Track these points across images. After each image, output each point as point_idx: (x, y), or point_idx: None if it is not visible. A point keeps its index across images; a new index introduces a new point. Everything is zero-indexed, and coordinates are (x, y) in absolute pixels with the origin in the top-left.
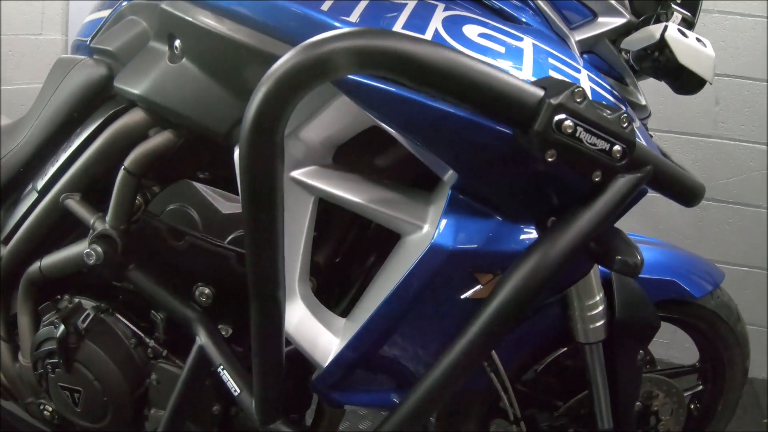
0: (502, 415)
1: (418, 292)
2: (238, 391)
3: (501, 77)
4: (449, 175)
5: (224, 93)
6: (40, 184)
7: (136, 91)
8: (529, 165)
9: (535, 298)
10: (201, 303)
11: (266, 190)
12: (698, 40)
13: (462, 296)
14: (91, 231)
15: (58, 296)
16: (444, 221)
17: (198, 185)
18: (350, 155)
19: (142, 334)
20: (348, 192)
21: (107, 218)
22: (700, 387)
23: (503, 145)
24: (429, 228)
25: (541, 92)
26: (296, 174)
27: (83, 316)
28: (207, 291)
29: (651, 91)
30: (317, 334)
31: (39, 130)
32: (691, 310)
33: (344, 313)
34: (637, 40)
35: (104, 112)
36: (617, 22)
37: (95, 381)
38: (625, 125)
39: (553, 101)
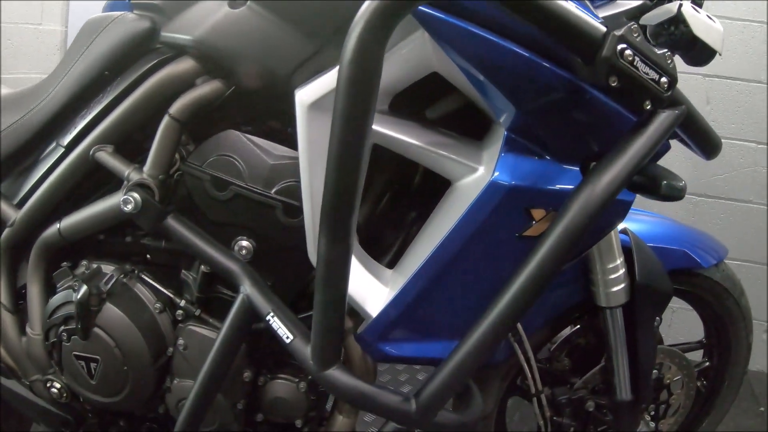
0: (519, 393)
1: (474, 232)
2: (291, 337)
3: (574, 11)
4: (504, 118)
5: (291, 34)
6: (67, 139)
7: (190, 37)
8: (579, 104)
9: (585, 234)
10: (240, 258)
11: (361, 121)
12: (708, 16)
13: (517, 234)
14: (125, 182)
15: (69, 263)
16: (501, 160)
17: (243, 135)
18: (403, 105)
19: (172, 295)
20: (405, 135)
21: (145, 168)
22: (707, 363)
23: (560, 84)
24: (484, 169)
25: (604, 27)
26: None
27: (106, 279)
28: (247, 245)
29: None
30: (367, 284)
31: (66, 87)
32: (698, 281)
33: (388, 266)
34: (655, 16)
35: (145, 63)
36: (635, 3)
37: (116, 348)
38: (669, 62)
39: (617, 33)
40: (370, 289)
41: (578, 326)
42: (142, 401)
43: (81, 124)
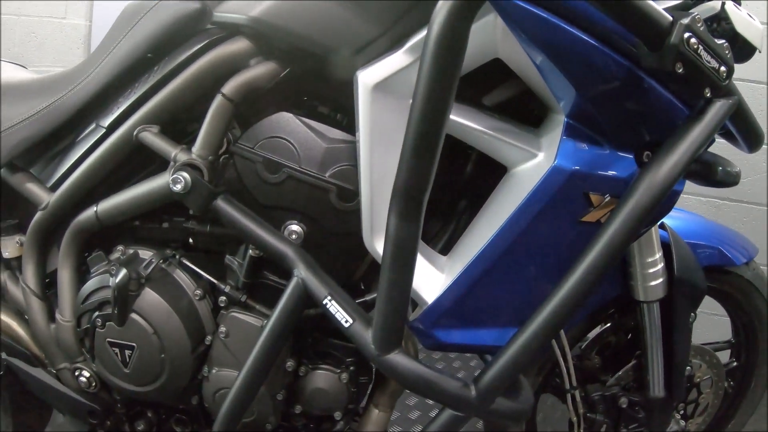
0: (551, 390)
1: (534, 217)
2: (351, 321)
3: (644, 0)
4: (564, 105)
5: (356, 15)
6: (109, 120)
7: (245, 17)
8: (637, 93)
9: (648, 219)
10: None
11: (443, 99)
12: (748, 14)
13: (576, 219)
14: (171, 163)
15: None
16: (562, 145)
17: (297, 117)
18: (462, 91)
19: (216, 281)
20: (466, 119)
21: (194, 148)
22: (734, 363)
23: (622, 72)
24: (544, 155)
25: (671, 17)
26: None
27: (145, 263)
28: (297, 229)
29: None
30: (422, 270)
31: (108, 69)
32: (729, 279)
33: (441, 252)
34: (699, 13)
35: (196, 44)
36: (676, 1)
37: (154, 334)
38: (727, 52)
39: (683, 21)
40: (426, 275)
41: (609, 324)
42: (176, 391)
43: (125, 105)
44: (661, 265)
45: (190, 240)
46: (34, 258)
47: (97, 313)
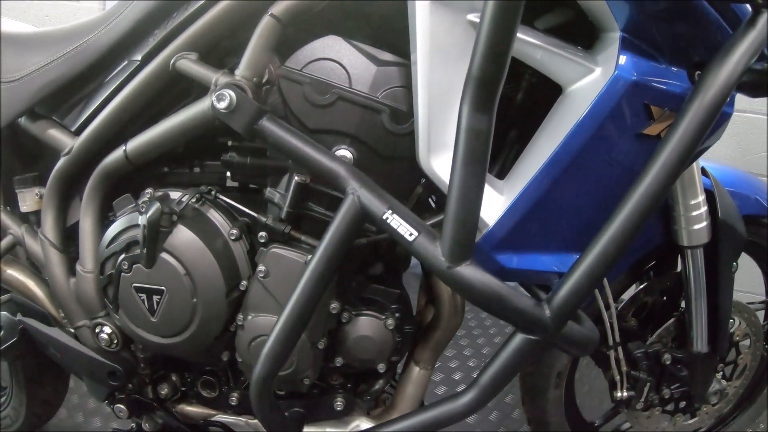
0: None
1: (595, 131)
2: (415, 233)
3: None
4: (619, 19)
5: None
6: (142, 52)
7: None
8: (690, 7)
9: (705, 134)
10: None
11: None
12: None
13: (637, 132)
14: (212, 87)
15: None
16: (621, 57)
17: (345, 39)
18: None
19: (256, 214)
20: (524, 34)
21: (238, 70)
22: None
23: None
24: (601, 70)
25: None
26: (471, 17)
27: (178, 199)
28: (347, 154)
29: None
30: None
31: (140, 7)
32: (765, 232)
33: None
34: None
35: None
36: None
37: (186, 276)
38: None
39: None
40: (485, 197)
41: (645, 284)
42: (206, 343)
43: (161, 35)
44: (704, 209)
45: (227, 174)
46: (55, 208)
47: (123, 256)
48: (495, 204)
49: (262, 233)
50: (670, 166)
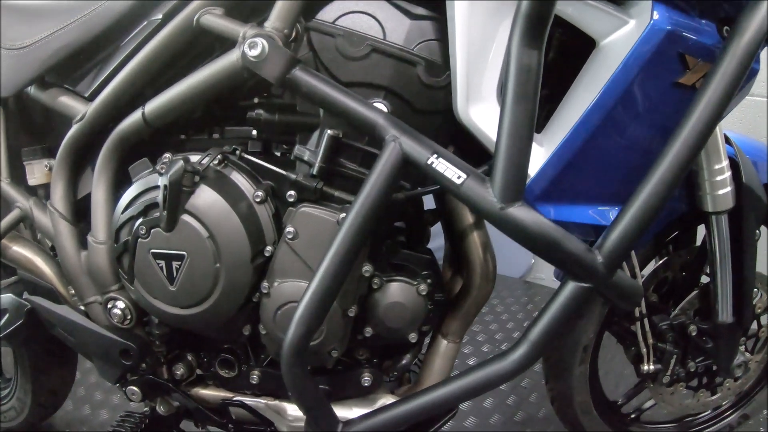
0: (617, 322)
1: (631, 83)
2: (463, 176)
3: None
4: None
5: None
6: (163, 10)
7: None
8: None
9: (740, 84)
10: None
11: None
12: None
13: (673, 81)
14: (240, 40)
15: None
16: (655, 9)
17: None
18: None
19: (285, 171)
20: None
21: (268, 22)
22: None
23: None
24: (636, 22)
25: None
26: None
27: (201, 158)
28: (382, 108)
29: None
30: None
31: None
32: None
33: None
34: None
35: None
36: None
37: (209, 239)
38: None
39: None
40: None
41: (665, 259)
42: (228, 313)
43: None
44: (728, 174)
45: (253, 133)
46: (65, 179)
47: (141, 220)
48: (534, 156)
49: (291, 192)
50: (709, 114)
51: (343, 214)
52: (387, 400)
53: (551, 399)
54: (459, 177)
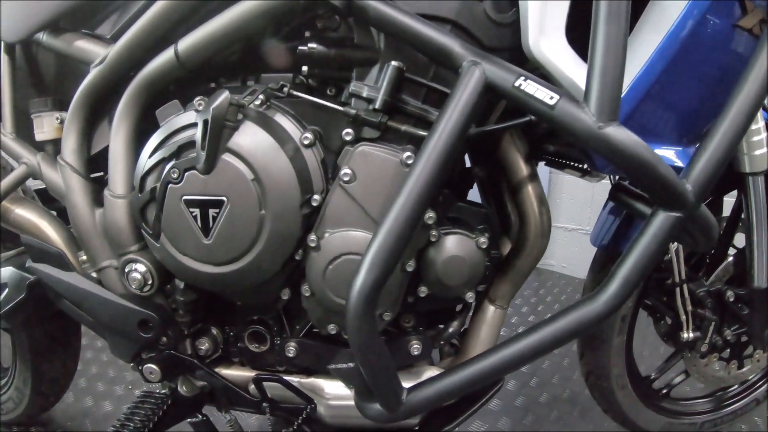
0: (655, 289)
1: (695, 25)
2: (556, 97)
3: None
4: None
5: None
6: None
7: None
8: None
9: None
10: None
11: None
12: None
13: (733, 23)
14: None
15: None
16: None
17: None
18: None
19: (343, 108)
20: None
21: None
22: None
23: None
24: None
25: None
26: None
27: (246, 93)
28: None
29: None
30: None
31: None
32: None
33: None
34: None
35: None
36: None
37: (254, 181)
38: None
39: None
40: None
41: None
42: (270, 270)
43: None
44: (765, 134)
45: (304, 69)
46: (79, 131)
47: (173, 162)
48: None
49: (348, 130)
50: None
51: (408, 153)
52: (431, 372)
53: (586, 373)
54: (552, 97)
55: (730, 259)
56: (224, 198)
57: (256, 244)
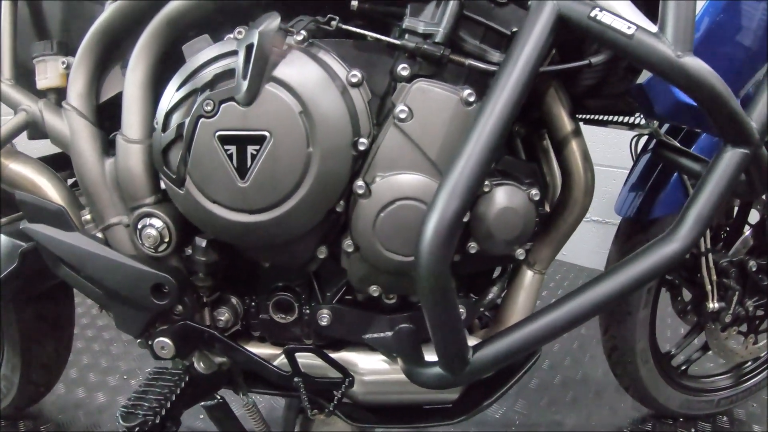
0: (677, 268)
1: None
2: (633, 27)
3: None
4: None
5: None
6: None
7: None
8: None
9: None
10: None
11: None
12: None
13: None
14: None
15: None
16: None
17: None
18: None
19: (400, 41)
20: None
21: None
22: None
23: None
24: None
25: None
26: None
27: (293, 23)
28: None
29: None
30: None
31: None
32: None
33: None
34: None
35: None
36: None
37: (302, 114)
38: None
39: None
40: None
41: None
42: (311, 220)
43: None
44: None
45: (354, 3)
46: (88, 73)
47: (207, 93)
48: None
49: (404, 65)
50: None
51: (469, 90)
52: (471, 342)
53: (610, 349)
54: (629, 27)
55: (748, 233)
56: (266, 133)
57: (300, 186)
